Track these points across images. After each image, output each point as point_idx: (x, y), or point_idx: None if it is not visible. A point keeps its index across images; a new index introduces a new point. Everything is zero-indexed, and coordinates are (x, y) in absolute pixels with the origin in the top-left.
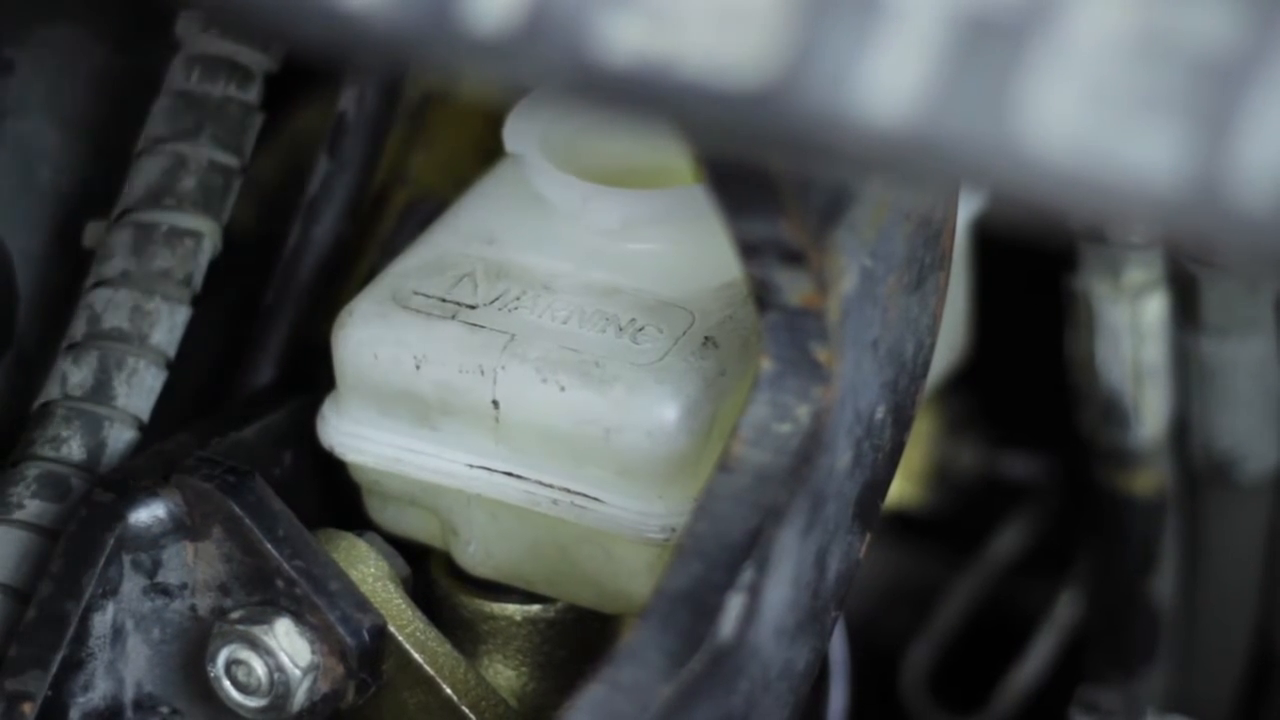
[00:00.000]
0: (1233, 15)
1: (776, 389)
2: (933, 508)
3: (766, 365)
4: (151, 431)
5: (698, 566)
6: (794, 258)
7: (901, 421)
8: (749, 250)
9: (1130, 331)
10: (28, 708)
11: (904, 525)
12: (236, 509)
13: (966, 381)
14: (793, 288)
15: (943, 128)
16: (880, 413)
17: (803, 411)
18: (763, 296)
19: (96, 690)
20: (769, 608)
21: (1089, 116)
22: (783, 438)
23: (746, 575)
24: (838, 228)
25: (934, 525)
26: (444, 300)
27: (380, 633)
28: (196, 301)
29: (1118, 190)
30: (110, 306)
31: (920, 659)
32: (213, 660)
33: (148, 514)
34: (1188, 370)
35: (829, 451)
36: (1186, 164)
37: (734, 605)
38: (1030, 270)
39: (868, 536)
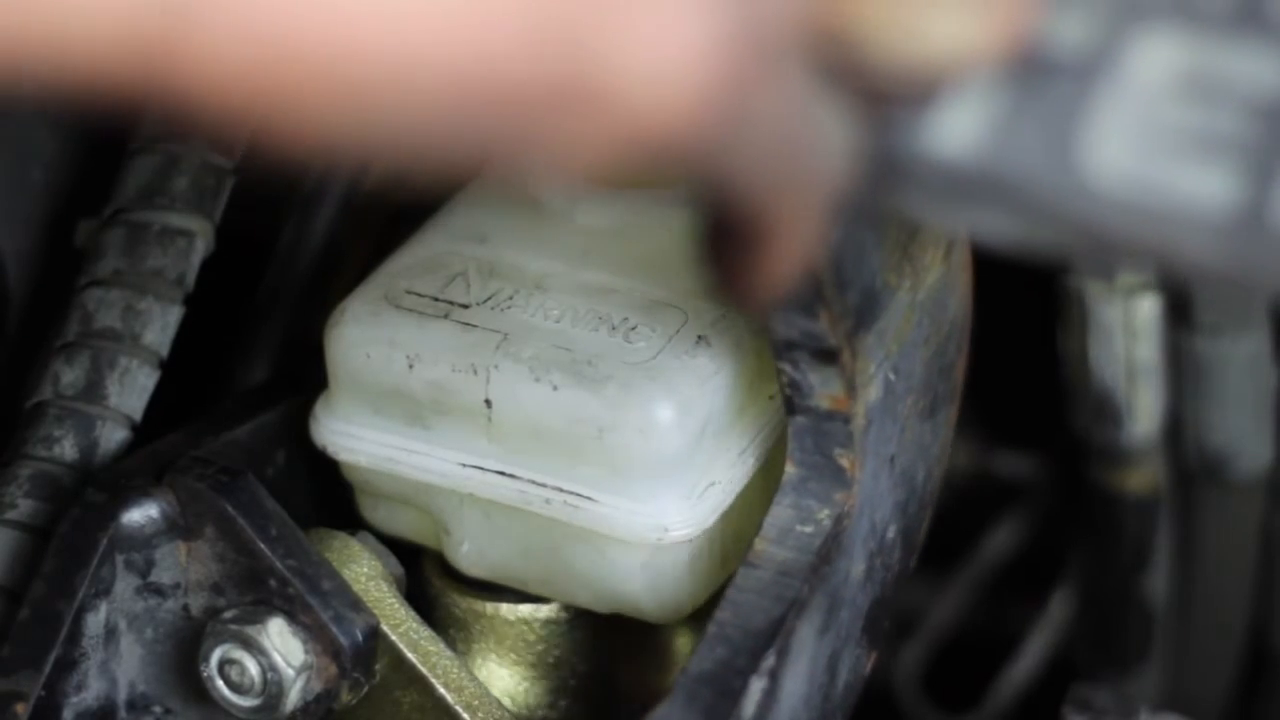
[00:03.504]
0: (1278, 60)
1: (800, 493)
2: None
3: (791, 470)
4: (144, 431)
5: (722, 651)
6: (828, 356)
7: (910, 545)
8: (786, 346)
9: (1123, 330)
10: (21, 708)
11: None
12: (229, 508)
13: None
14: (823, 389)
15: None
16: (892, 532)
17: (824, 515)
18: (793, 399)
19: (90, 690)
20: (786, 696)
21: (1145, 151)
22: (805, 538)
23: (768, 661)
24: (869, 332)
25: None
26: (437, 299)
27: (373, 632)
28: (189, 301)
29: (1171, 221)
30: (102, 306)
31: (913, 657)
32: (206, 660)
33: (140, 514)
34: (1181, 368)
35: (846, 556)
36: (1236, 198)
37: (755, 688)
38: (1023, 268)
39: (873, 655)
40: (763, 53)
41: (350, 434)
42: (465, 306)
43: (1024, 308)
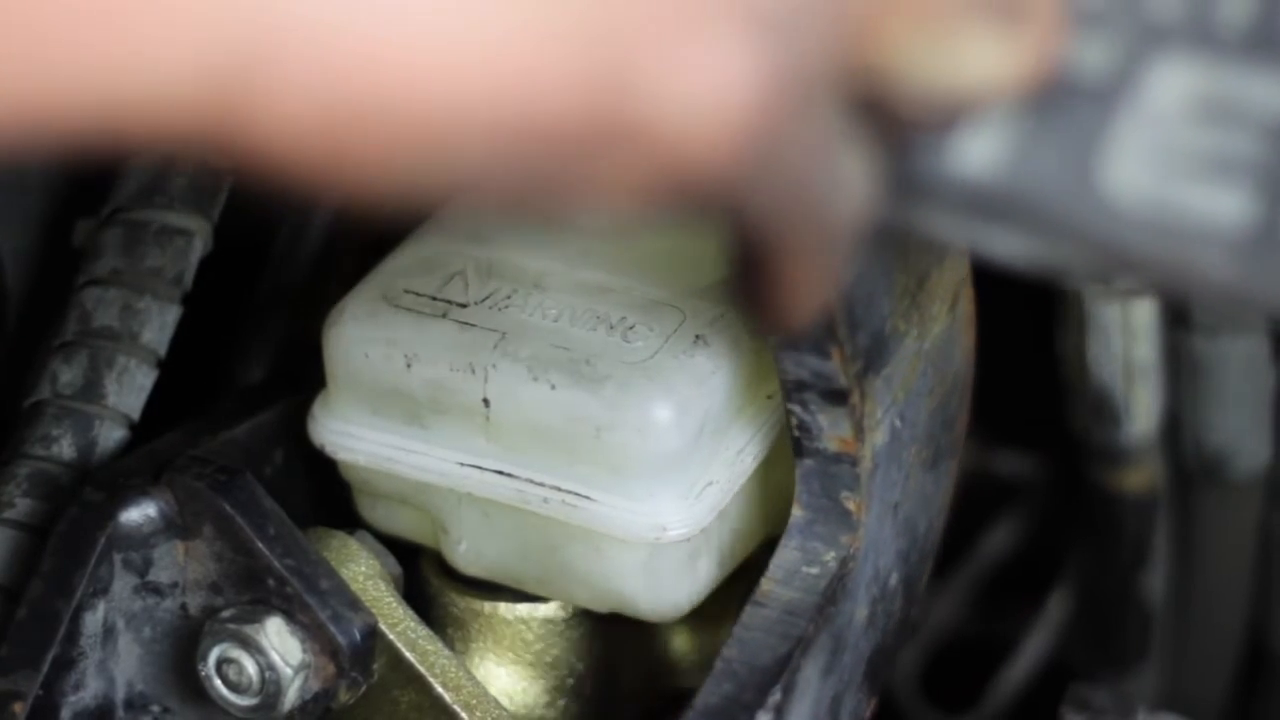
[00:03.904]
0: None
1: (806, 535)
2: None
3: (798, 513)
4: (142, 430)
5: (729, 687)
6: (838, 397)
7: (911, 595)
8: (796, 387)
9: (1122, 329)
10: (19, 707)
11: None
12: (227, 508)
13: None
14: (832, 430)
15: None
16: (894, 579)
17: (830, 557)
18: (802, 440)
19: (88, 689)
20: None
21: (1163, 172)
22: (811, 579)
23: (774, 698)
24: (878, 376)
25: None
26: (435, 299)
27: (371, 632)
28: (187, 300)
29: (1187, 239)
30: (101, 305)
31: (911, 657)
32: (204, 659)
33: (138, 513)
34: (1179, 368)
35: (851, 599)
36: (1251, 217)
37: None
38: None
39: (873, 701)
40: (798, 86)
41: (348, 433)
42: (463, 306)
43: (1022, 308)
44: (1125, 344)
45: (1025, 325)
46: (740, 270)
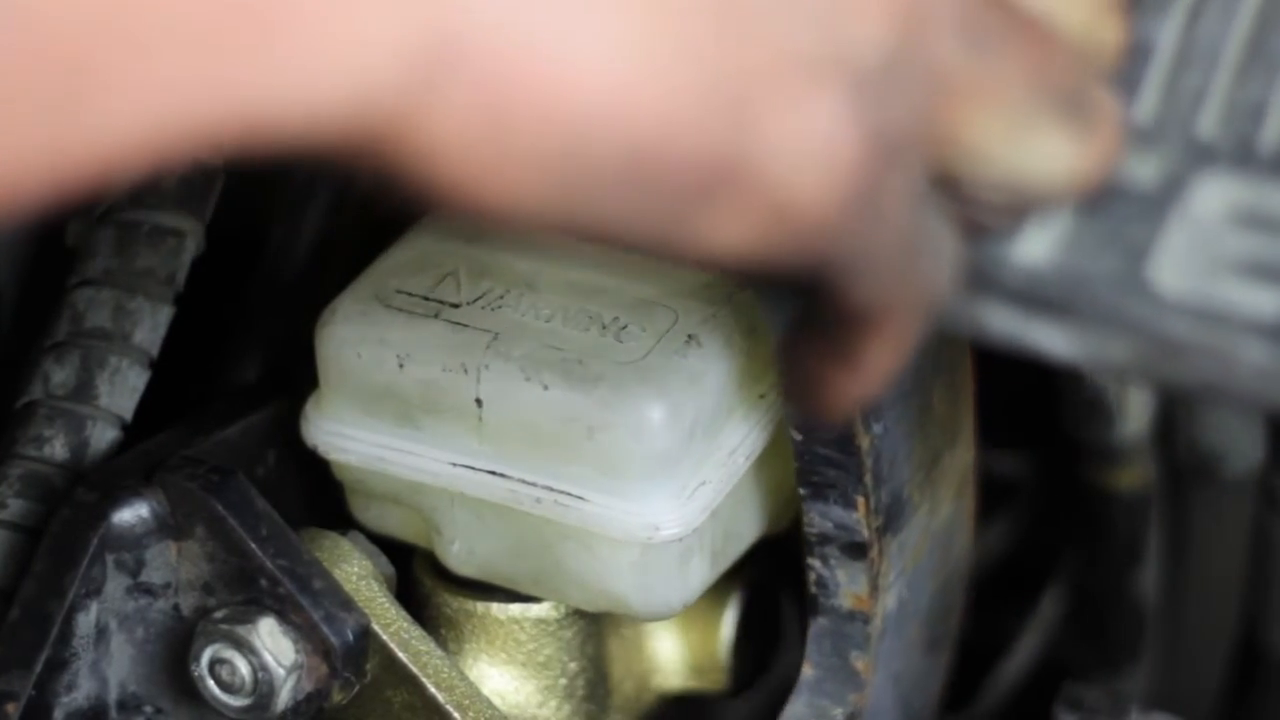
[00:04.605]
0: None
1: (815, 693)
2: None
3: (808, 671)
4: (134, 431)
5: None
6: (858, 550)
7: None
8: (819, 540)
9: None
10: (11, 708)
11: None
12: (220, 508)
13: None
14: (849, 586)
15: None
16: None
17: (838, 714)
18: (818, 598)
19: (80, 690)
20: None
21: (1206, 271)
22: None
23: None
24: (894, 538)
25: None
26: (427, 299)
27: (364, 632)
28: (179, 300)
29: (1230, 330)
30: (93, 305)
31: None
32: (196, 660)
33: (131, 513)
34: None
35: None
36: None
37: None
38: None
39: None
40: (895, 155)
41: (341, 433)
42: (456, 306)
43: None
44: None
45: None
46: (813, 337)
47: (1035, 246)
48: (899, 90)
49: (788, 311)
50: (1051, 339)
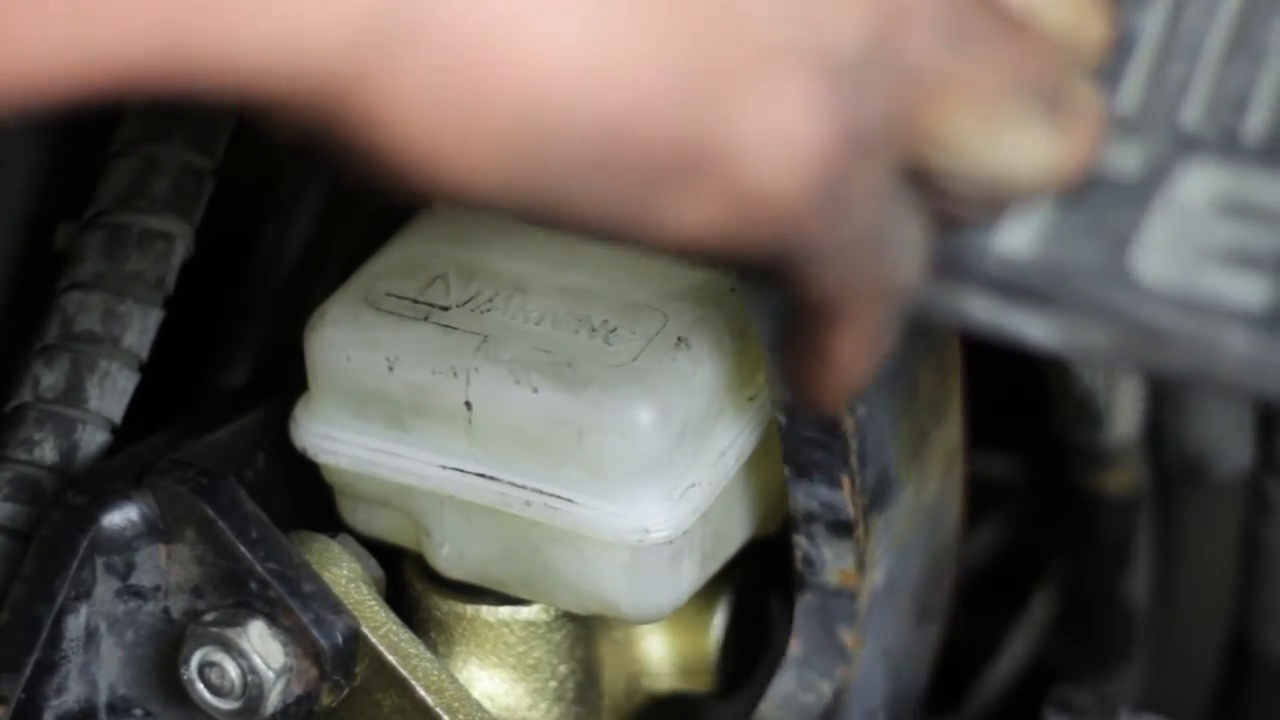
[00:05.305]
0: None
1: (803, 668)
2: None
3: (795, 646)
4: (124, 434)
5: None
6: (844, 529)
7: None
8: (805, 519)
9: None
10: (1, 711)
11: None
12: (209, 511)
13: None
14: (835, 564)
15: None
16: None
17: (825, 686)
18: (804, 574)
19: (70, 693)
20: None
21: (1189, 259)
22: (806, 706)
23: None
24: (880, 515)
25: None
26: (416, 302)
27: (354, 635)
28: (169, 304)
29: (1212, 317)
30: (82, 309)
31: None
32: (186, 662)
33: (120, 516)
34: None
35: None
36: (1269, 300)
37: None
38: None
39: None
40: (863, 141)
41: (330, 436)
42: (445, 309)
43: None
44: None
45: None
46: (792, 329)
47: (1018, 235)
48: (874, 84)
49: (774, 307)
50: (1034, 327)
